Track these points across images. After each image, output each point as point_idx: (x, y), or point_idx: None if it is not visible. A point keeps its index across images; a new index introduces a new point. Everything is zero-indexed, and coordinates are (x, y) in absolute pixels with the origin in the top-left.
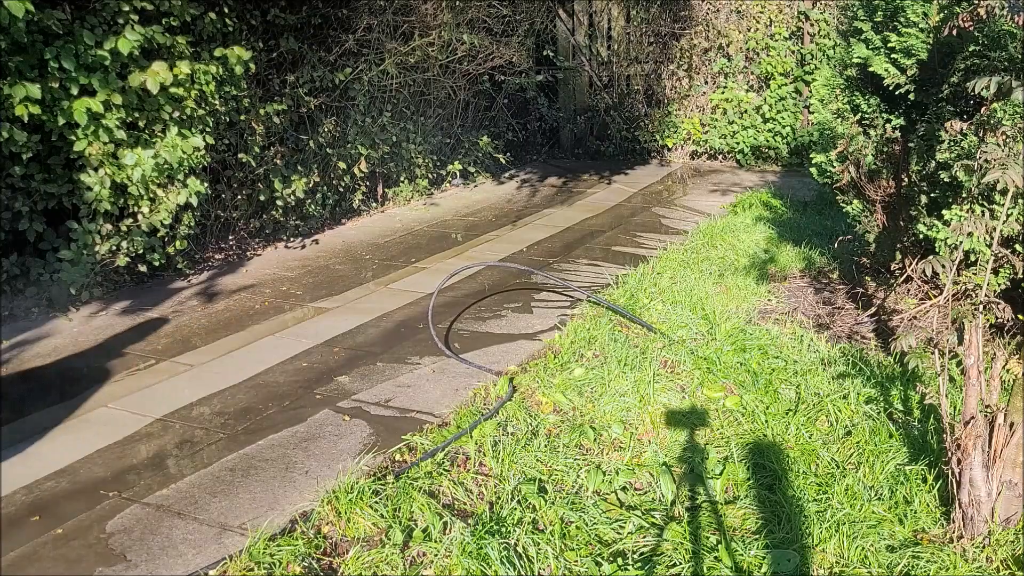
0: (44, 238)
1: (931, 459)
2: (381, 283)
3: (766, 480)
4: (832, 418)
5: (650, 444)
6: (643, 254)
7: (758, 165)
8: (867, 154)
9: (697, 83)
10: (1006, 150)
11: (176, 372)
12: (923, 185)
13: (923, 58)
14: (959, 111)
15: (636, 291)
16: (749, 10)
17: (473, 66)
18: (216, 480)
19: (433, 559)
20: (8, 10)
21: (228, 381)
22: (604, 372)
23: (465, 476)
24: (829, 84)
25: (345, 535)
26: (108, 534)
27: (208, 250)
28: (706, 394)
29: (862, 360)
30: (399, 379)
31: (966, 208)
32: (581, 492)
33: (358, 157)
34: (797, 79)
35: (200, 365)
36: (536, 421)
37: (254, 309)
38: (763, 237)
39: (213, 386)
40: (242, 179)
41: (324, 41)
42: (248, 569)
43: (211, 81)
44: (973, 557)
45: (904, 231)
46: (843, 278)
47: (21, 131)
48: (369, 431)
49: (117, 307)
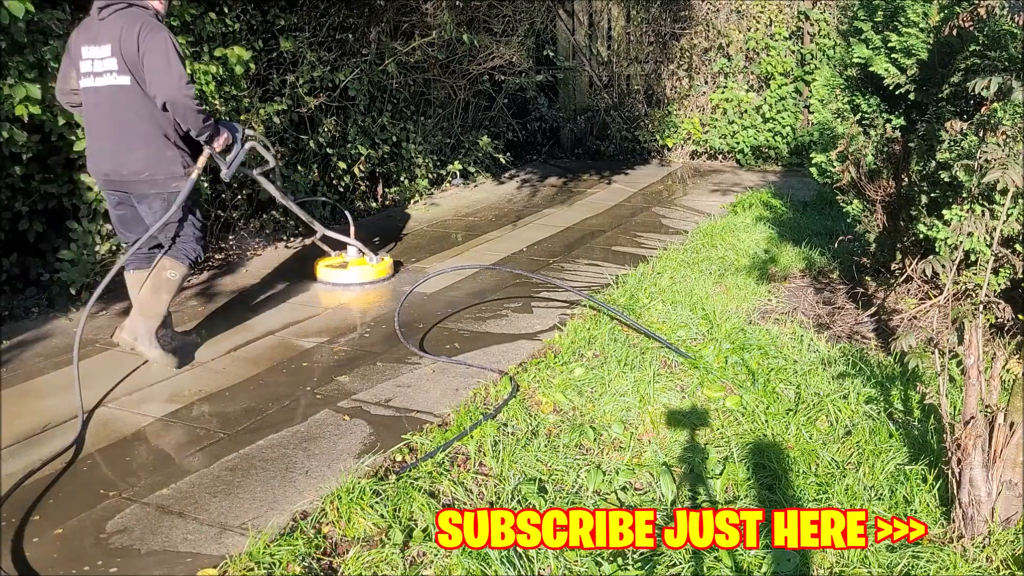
0: (44, 238)
1: (931, 459)
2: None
3: (766, 480)
4: (832, 418)
5: (650, 444)
6: (643, 254)
7: (758, 165)
8: (867, 154)
9: (697, 83)
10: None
11: (177, 372)
12: (923, 185)
13: (923, 58)
14: (959, 111)
15: (636, 291)
16: (749, 10)
17: (473, 66)
18: (216, 480)
19: (433, 559)
20: (8, 10)
21: (228, 381)
22: (604, 372)
23: (465, 476)
24: (829, 84)
25: (345, 535)
26: (108, 534)
27: (208, 250)
28: (706, 394)
29: (862, 360)
30: (399, 379)
31: (966, 208)
32: (581, 492)
33: (358, 157)
34: (797, 79)
35: (201, 364)
36: (536, 421)
37: (254, 310)
38: (763, 237)
39: (214, 385)
40: (242, 179)
41: (324, 41)
42: (248, 569)
43: (211, 81)
44: (973, 557)
45: (904, 231)
46: (843, 278)
47: (21, 131)
48: (369, 431)
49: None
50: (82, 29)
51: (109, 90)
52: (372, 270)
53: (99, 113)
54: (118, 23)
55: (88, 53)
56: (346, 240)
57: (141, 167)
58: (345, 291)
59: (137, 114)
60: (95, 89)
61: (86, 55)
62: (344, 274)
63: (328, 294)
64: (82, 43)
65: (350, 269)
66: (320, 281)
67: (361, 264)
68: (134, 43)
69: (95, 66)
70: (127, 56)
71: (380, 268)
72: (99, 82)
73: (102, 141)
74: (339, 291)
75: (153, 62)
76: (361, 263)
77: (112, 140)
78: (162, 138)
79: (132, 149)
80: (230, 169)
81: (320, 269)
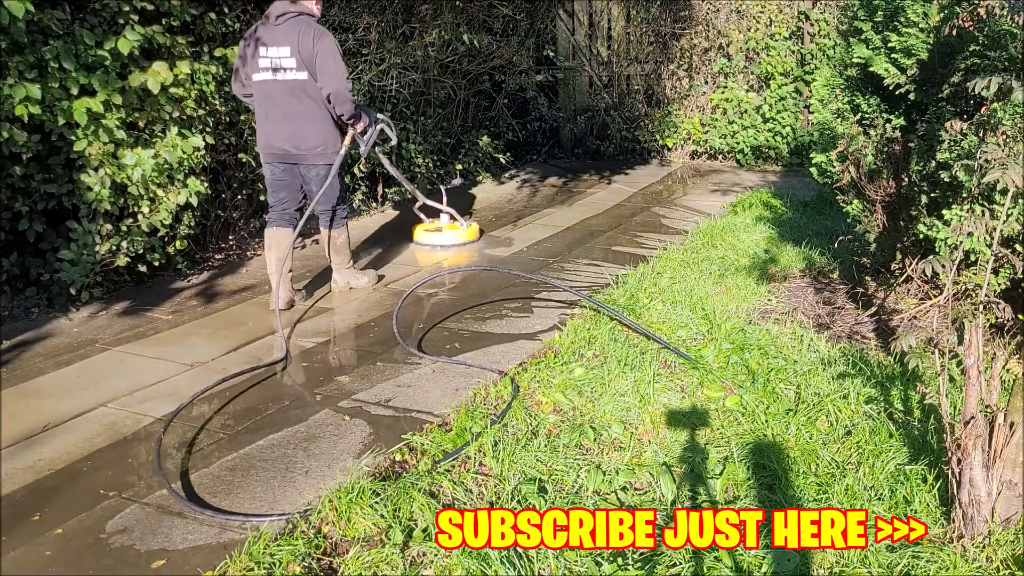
0: (44, 238)
1: (931, 459)
2: (381, 284)
3: (766, 480)
4: (832, 418)
5: (650, 444)
6: (643, 254)
7: (758, 165)
8: (867, 154)
9: (697, 83)
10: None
11: (176, 372)
12: (923, 185)
13: (923, 58)
14: (959, 111)
15: (636, 291)
16: (749, 10)
17: (473, 66)
18: (216, 480)
19: (433, 559)
20: (8, 10)
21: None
22: (604, 372)
23: (465, 476)
24: (829, 84)
25: (345, 535)
26: (108, 534)
27: (208, 250)
28: (706, 394)
29: (862, 360)
30: (399, 379)
31: (966, 208)
32: (581, 492)
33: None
34: (797, 79)
35: (202, 364)
36: (536, 421)
37: (254, 308)
38: (763, 237)
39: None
40: (242, 179)
41: None
42: (248, 569)
43: (211, 81)
44: (973, 557)
45: (904, 231)
46: (843, 278)
47: (21, 131)
48: (369, 431)
49: (117, 307)
50: (258, 34)
51: (289, 83)
52: (463, 233)
53: (278, 101)
54: (294, 28)
55: (267, 53)
56: (441, 208)
57: (316, 143)
58: (441, 251)
59: (312, 101)
60: (275, 82)
61: (264, 54)
62: (440, 236)
63: (425, 254)
64: (260, 45)
65: (445, 232)
66: (418, 243)
67: (453, 228)
68: (310, 45)
69: (274, 63)
70: (304, 56)
71: (470, 231)
72: (279, 76)
73: (281, 123)
74: (436, 251)
75: (324, 61)
76: (453, 228)
77: (292, 122)
78: (329, 120)
79: (309, 129)
80: (367, 146)
81: (418, 233)
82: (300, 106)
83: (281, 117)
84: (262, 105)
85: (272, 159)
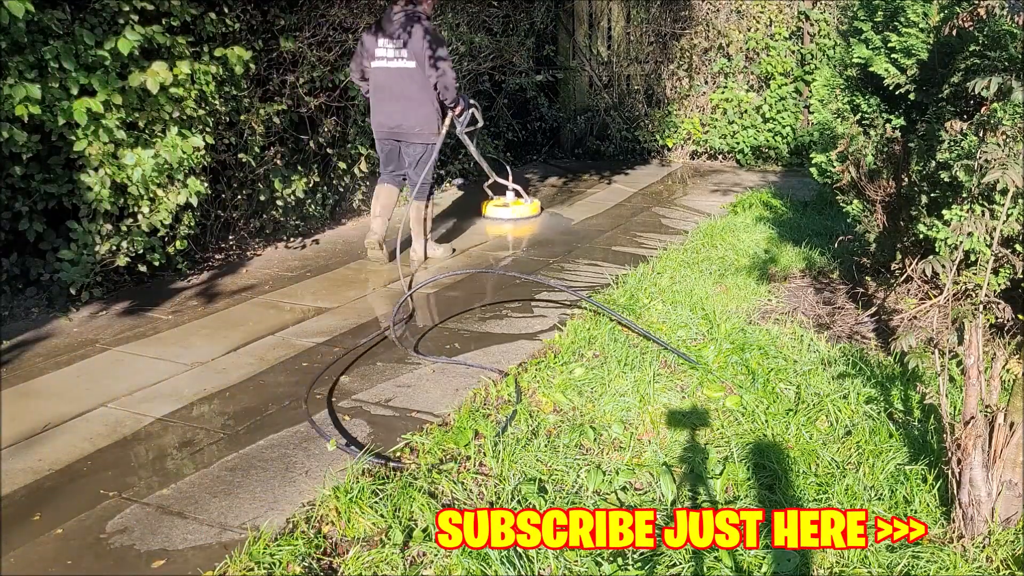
0: (44, 238)
1: (931, 459)
2: (380, 285)
3: (766, 480)
4: (832, 418)
5: (650, 444)
6: (643, 254)
7: (758, 165)
8: (867, 154)
9: (697, 83)
10: (1006, 150)
11: (177, 372)
12: (923, 185)
13: (923, 58)
14: (959, 111)
15: (636, 291)
16: (749, 10)
17: (473, 66)
18: (216, 480)
19: (433, 559)
20: (8, 10)
21: (229, 380)
22: (604, 372)
23: (465, 476)
24: (829, 84)
25: (345, 535)
26: (108, 534)
27: (208, 250)
28: (706, 394)
29: (862, 360)
30: (399, 379)
31: (966, 208)
32: (581, 492)
33: (358, 157)
34: (797, 79)
35: (203, 364)
36: (536, 421)
37: (254, 308)
38: (763, 237)
39: (214, 385)
40: (242, 179)
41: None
42: (248, 569)
43: (211, 81)
44: (973, 557)
45: (904, 231)
46: (843, 278)
47: (21, 131)
48: (369, 431)
49: (117, 307)
50: (376, 27)
51: (400, 71)
52: (527, 208)
53: (390, 87)
54: (408, 23)
55: (383, 43)
56: (508, 184)
57: (419, 124)
58: (508, 224)
59: (419, 87)
60: (387, 69)
61: (381, 44)
62: (507, 211)
63: (494, 226)
64: (378, 37)
65: (511, 207)
66: (487, 217)
67: (518, 204)
68: (420, 38)
69: (388, 52)
70: (414, 47)
71: (533, 206)
72: (391, 64)
73: (393, 105)
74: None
75: (436, 54)
76: (518, 203)
77: (401, 105)
78: (431, 104)
79: (414, 112)
80: (463, 127)
81: (488, 208)
82: (407, 91)
83: (391, 100)
84: (377, 90)
85: (383, 136)
